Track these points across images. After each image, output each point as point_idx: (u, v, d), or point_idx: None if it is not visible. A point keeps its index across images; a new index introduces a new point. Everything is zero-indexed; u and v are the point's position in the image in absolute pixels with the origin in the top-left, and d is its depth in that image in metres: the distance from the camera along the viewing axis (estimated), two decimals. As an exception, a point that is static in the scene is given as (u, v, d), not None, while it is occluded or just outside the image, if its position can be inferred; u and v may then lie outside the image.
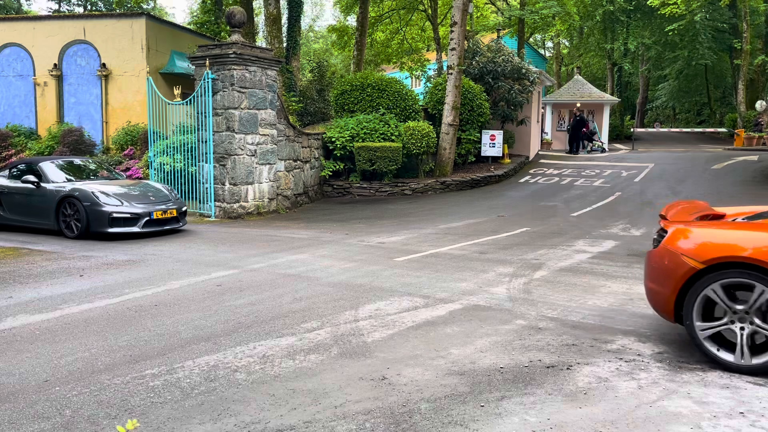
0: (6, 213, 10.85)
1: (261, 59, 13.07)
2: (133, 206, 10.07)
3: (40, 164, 10.92)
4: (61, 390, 3.99)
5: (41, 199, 10.35)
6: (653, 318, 5.53)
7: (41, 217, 10.36)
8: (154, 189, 10.94)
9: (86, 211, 9.84)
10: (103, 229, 9.80)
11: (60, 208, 10.10)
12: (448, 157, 18.02)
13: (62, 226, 10.13)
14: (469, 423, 3.47)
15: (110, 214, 9.81)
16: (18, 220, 10.70)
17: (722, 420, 3.49)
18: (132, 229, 9.95)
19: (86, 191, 10.01)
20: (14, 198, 10.74)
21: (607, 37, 39.52)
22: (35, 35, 19.01)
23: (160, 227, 10.32)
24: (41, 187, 10.44)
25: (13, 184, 10.83)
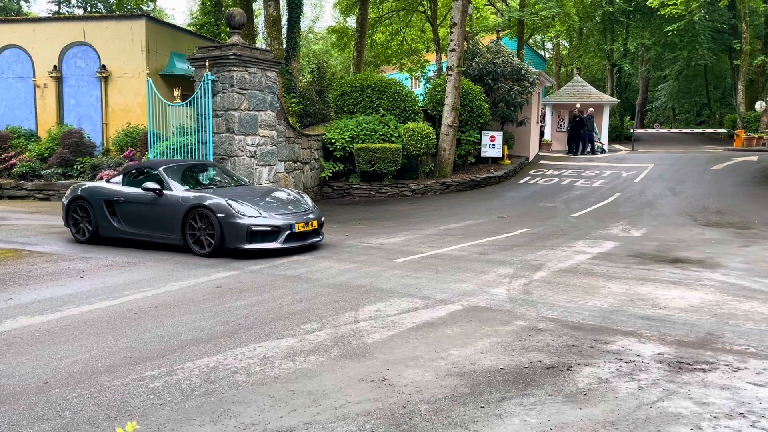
0: (121, 225, 9.32)
1: (261, 61, 13.07)
2: (273, 218, 8.63)
3: (161, 168, 9.46)
4: (61, 392, 3.99)
5: (165, 210, 8.88)
6: (653, 319, 5.53)
7: (164, 230, 8.93)
8: (288, 196, 9.65)
9: (220, 223, 8.37)
10: (240, 245, 8.37)
11: (187, 220, 8.66)
12: (448, 158, 18.03)
13: (190, 240, 8.70)
14: (469, 424, 3.47)
15: (248, 228, 8.35)
16: (135, 233, 9.21)
17: (722, 421, 3.49)
18: (272, 245, 8.51)
19: (219, 200, 8.56)
20: (131, 208, 9.22)
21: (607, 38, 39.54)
22: (35, 37, 19.02)
23: (302, 242, 8.87)
24: (164, 195, 8.96)
25: (130, 191, 9.33)
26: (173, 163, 9.98)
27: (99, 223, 9.44)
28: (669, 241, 9.89)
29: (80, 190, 9.79)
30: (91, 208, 9.52)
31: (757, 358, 4.52)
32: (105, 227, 9.44)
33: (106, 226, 9.42)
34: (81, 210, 9.69)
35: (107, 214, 9.39)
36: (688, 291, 6.57)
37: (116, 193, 9.42)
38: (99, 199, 9.47)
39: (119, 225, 9.31)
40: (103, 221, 9.43)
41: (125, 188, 9.43)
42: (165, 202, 8.94)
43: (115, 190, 9.47)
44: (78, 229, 9.74)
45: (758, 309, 5.86)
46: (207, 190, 9.40)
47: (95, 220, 9.48)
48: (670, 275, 7.38)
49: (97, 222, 9.45)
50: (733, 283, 6.94)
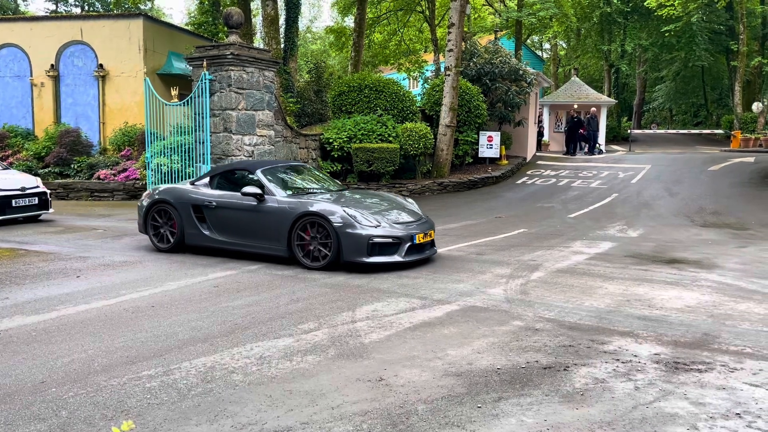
0: (212, 232, 8.44)
1: (258, 60, 13.06)
2: (393, 227, 7.75)
3: (259, 171, 8.50)
4: (58, 391, 3.98)
5: (267, 217, 8.00)
6: (650, 319, 5.54)
7: (266, 240, 8.03)
8: (398, 203, 8.74)
9: (337, 234, 7.48)
10: (359, 258, 7.48)
11: (295, 229, 7.76)
12: (446, 158, 18.03)
13: (298, 252, 7.78)
14: (466, 424, 3.47)
15: (370, 239, 7.46)
16: (229, 242, 8.33)
17: (719, 421, 3.50)
18: (393, 258, 7.63)
19: (335, 208, 7.68)
20: (225, 214, 8.36)
21: (604, 39, 39.60)
22: (32, 36, 18.99)
23: (420, 255, 7.95)
24: (266, 201, 8.08)
25: (224, 195, 8.47)
26: (269, 164, 8.95)
27: (185, 230, 8.59)
28: (666, 242, 9.91)
29: (163, 193, 8.91)
30: (176, 213, 8.63)
31: (753, 358, 4.53)
32: (192, 235, 8.57)
33: (194, 234, 8.55)
34: (162, 215, 8.82)
35: (195, 221, 8.53)
36: (685, 291, 6.58)
37: (206, 198, 8.50)
38: (186, 203, 8.59)
39: (210, 233, 8.44)
40: (190, 228, 8.56)
41: (216, 192, 8.56)
42: (267, 208, 8.03)
43: (204, 195, 8.58)
44: (159, 235, 8.87)
45: (755, 309, 5.87)
46: (312, 195, 8.42)
47: (180, 226, 8.61)
48: (666, 276, 7.39)
49: (183, 229, 8.60)
50: (730, 284, 6.96)
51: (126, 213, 13.22)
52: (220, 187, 8.67)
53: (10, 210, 11.54)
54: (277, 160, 9.38)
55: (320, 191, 8.71)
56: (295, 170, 9.36)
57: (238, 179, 8.71)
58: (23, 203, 11.78)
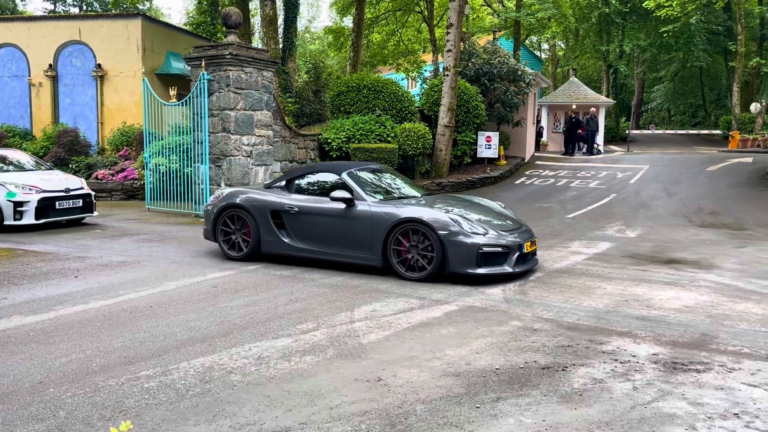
0: (293, 240, 7.87)
1: (257, 60, 13.06)
2: (501, 236, 7.14)
3: (345, 173, 7.90)
4: (56, 391, 3.97)
5: (358, 224, 7.40)
6: (648, 319, 5.55)
7: (356, 249, 7.44)
8: (494, 209, 8.16)
9: (442, 243, 6.85)
10: (467, 269, 6.85)
11: (392, 237, 7.14)
12: (444, 158, 18.04)
13: (395, 262, 7.15)
14: (464, 424, 3.47)
15: (479, 249, 6.83)
16: (313, 250, 7.75)
17: (717, 421, 3.50)
18: (503, 269, 7.01)
19: (439, 215, 7.05)
20: (308, 220, 7.76)
21: (603, 39, 39.64)
22: (30, 36, 18.97)
23: (527, 265, 7.40)
24: (356, 207, 7.46)
25: (306, 200, 7.90)
26: (353, 166, 8.27)
27: (262, 237, 8.00)
28: (664, 242, 9.92)
29: (236, 198, 8.29)
30: (251, 219, 8.05)
31: (751, 358, 4.53)
32: (270, 242, 7.98)
33: (272, 242, 7.96)
34: (234, 221, 8.25)
35: (273, 228, 7.94)
36: (683, 292, 6.59)
37: (287, 203, 7.92)
38: (263, 208, 8.01)
39: (290, 240, 7.87)
40: (267, 235, 7.97)
41: (298, 197, 8.00)
42: (358, 214, 7.42)
43: (285, 199, 8.00)
44: (230, 243, 8.30)
45: (753, 310, 5.88)
46: (405, 200, 7.82)
47: (256, 233, 8.02)
48: (665, 276, 7.40)
49: (259, 236, 8.01)
50: (728, 284, 6.96)
51: (125, 213, 13.22)
52: (299, 191, 8.15)
53: (54, 213, 10.93)
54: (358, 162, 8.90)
55: (409, 195, 8.18)
56: (377, 172, 8.66)
57: (321, 182, 8.20)
58: (67, 205, 11.14)
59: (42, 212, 10.70)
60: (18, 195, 10.55)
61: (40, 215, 10.66)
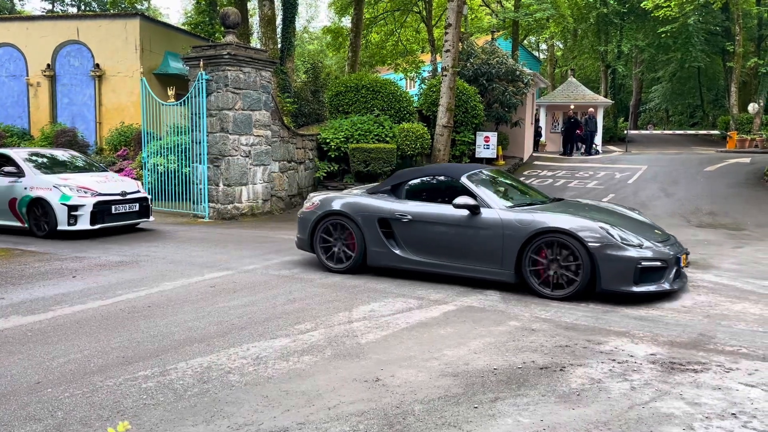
0: (404, 251, 7.17)
1: (255, 60, 13.06)
2: (658, 247, 6.32)
3: (465, 177, 7.14)
4: (54, 392, 3.97)
5: (486, 234, 6.62)
6: (646, 319, 5.56)
7: (482, 262, 6.68)
8: (634, 217, 7.25)
9: (591, 256, 6.05)
10: (624, 287, 6.04)
11: (528, 249, 6.36)
12: (443, 158, 18.03)
13: (532, 278, 6.37)
14: (462, 424, 3.47)
15: (638, 263, 6.01)
16: (430, 263, 7.02)
17: (714, 421, 3.51)
18: (662, 286, 6.19)
19: (586, 223, 6.22)
20: (423, 230, 7.04)
21: (601, 40, 39.68)
22: (28, 35, 18.95)
23: (682, 281, 6.59)
24: (482, 215, 6.69)
25: (420, 207, 7.16)
26: (471, 169, 7.51)
27: (368, 248, 7.33)
28: (662, 242, 9.92)
29: (336, 204, 7.59)
30: (356, 228, 7.38)
31: (749, 358, 4.54)
32: (377, 254, 7.30)
33: (380, 253, 7.28)
34: (336, 230, 7.58)
35: (382, 237, 7.25)
36: (681, 292, 6.59)
37: (398, 210, 7.20)
38: (370, 216, 7.32)
39: (401, 252, 7.17)
40: (375, 246, 7.29)
41: (410, 203, 7.27)
42: (484, 223, 6.65)
43: (395, 206, 7.27)
44: (330, 254, 7.64)
45: (750, 310, 5.88)
46: (538, 207, 7.00)
47: (361, 244, 7.35)
48: (663, 276, 7.40)
49: (365, 246, 7.35)
50: (726, 284, 6.97)
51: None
52: (410, 197, 7.45)
53: (110, 217, 10.24)
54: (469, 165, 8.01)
55: (536, 201, 7.35)
56: (491, 174, 7.80)
57: (435, 187, 7.57)
58: (123, 210, 10.45)
59: (97, 217, 10.03)
60: (72, 198, 9.87)
61: (95, 220, 9.99)
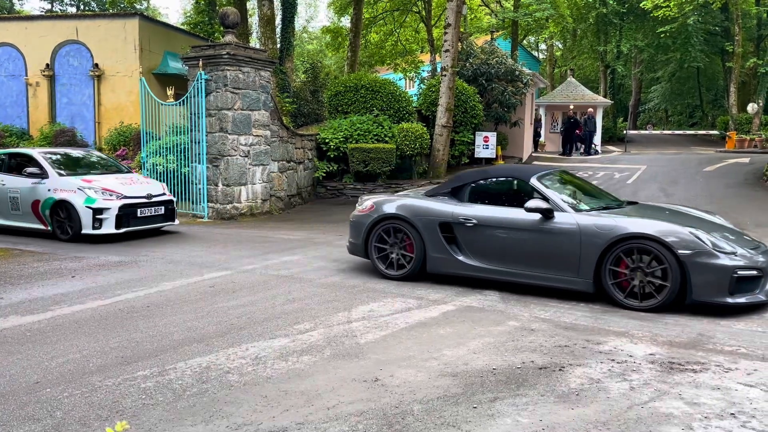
0: (468, 258, 6.77)
1: (254, 60, 13.05)
2: (751, 255, 5.90)
3: (534, 178, 6.69)
4: (52, 392, 3.97)
5: (561, 240, 6.20)
6: (645, 319, 5.56)
7: (555, 269, 6.27)
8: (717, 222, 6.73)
9: (682, 264, 5.65)
10: (719, 297, 5.67)
11: (608, 256, 5.94)
12: (442, 158, 18.03)
13: (613, 289, 5.95)
14: (461, 424, 3.47)
15: (733, 272, 5.64)
16: (495, 270, 6.62)
17: (713, 421, 3.51)
18: (756, 297, 5.78)
19: (674, 228, 5.83)
20: (489, 234, 6.63)
21: (600, 40, 39.69)
22: (27, 35, 18.92)
23: None
24: (556, 220, 6.27)
25: (486, 211, 6.73)
26: (541, 170, 7.01)
27: (428, 253, 6.93)
28: (661, 242, 9.92)
29: (393, 207, 7.20)
30: (415, 232, 6.98)
31: (747, 358, 4.54)
32: (438, 260, 6.89)
33: (441, 259, 6.87)
34: (392, 234, 7.19)
35: (443, 243, 6.85)
36: (680, 292, 6.58)
37: (461, 214, 6.79)
38: (431, 220, 6.92)
39: (465, 258, 6.76)
40: (435, 251, 6.88)
41: (474, 207, 6.87)
42: (560, 228, 6.22)
43: (457, 210, 6.87)
44: (386, 260, 7.25)
45: (749, 310, 5.88)
46: (614, 210, 6.55)
47: (420, 249, 6.96)
48: (662, 276, 7.39)
49: (425, 252, 6.95)
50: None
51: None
52: (474, 200, 7.01)
53: (135, 221, 9.92)
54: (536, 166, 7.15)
55: (612, 205, 6.85)
56: (562, 176, 7.35)
57: (501, 189, 7.13)
58: (148, 213, 10.13)
59: (122, 221, 9.73)
60: (97, 201, 9.57)
61: (120, 224, 9.70)
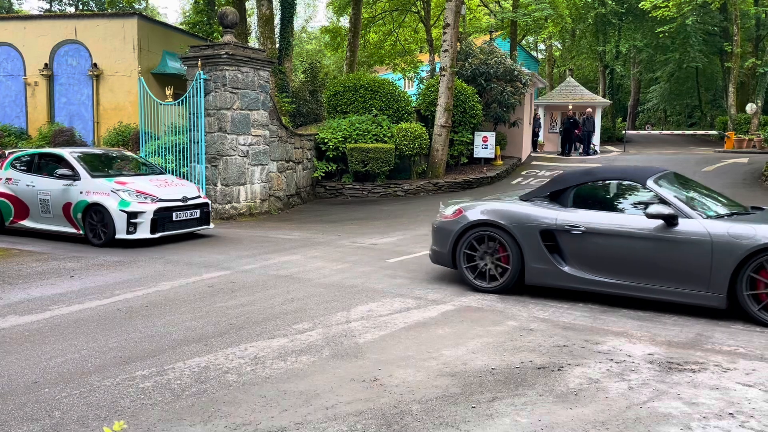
0: (575, 269, 6.12)
1: (253, 60, 13.04)
2: None
3: (651, 181, 6.07)
4: (51, 391, 3.96)
5: (689, 250, 5.58)
6: (644, 319, 5.56)
7: (680, 282, 5.65)
8: None
9: None
10: None
11: (746, 269, 5.33)
12: (441, 158, 18.04)
13: (753, 306, 5.37)
14: (460, 424, 3.47)
15: None
16: (609, 283, 5.93)
17: (712, 421, 3.51)
18: None
19: None
20: (601, 243, 5.97)
21: (599, 40, 39.71)
22: (26, 35, 18.91)
23: None
24: (678, 228, 5.64)
25: (596, 218, 6.04)
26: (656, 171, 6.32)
27: (527, 264, 6.29)
28: (660, 242, 9.92)
29: (485, 213, 6.58)
30: (511, 241, 6.34)
31: (746, 358, 4.55)
32: (540, 271, 6.25)
33: (543, 270, 6.23)
34: (484, 243, 6.57)
35: (546, 252, 6.22)
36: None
37: (566, 221, 6.14)
38: (530, 227, 6.27)
39: (571, 269, 6.12)
40: (536, 262, 6.25)
41: (579, 212, 6.19)
42: (686, 237, 5.59)
43: (560, 215, 6.23)
44: (477, 270, 6.62)
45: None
46: (744, 217, 5.92)
47: (517, 259, 6.32)
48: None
49: (523, 262, 6.31)
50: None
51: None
52: (579, 205, 6.33)
53: (170, 225, 9.51)
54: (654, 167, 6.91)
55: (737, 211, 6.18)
56: (681, 179, 6.72)
57: (611, 193, 6.50)
58: (184, 216, 9.69)
59: (157, 225, 9.35)
60: (132, 205, 9.19)
61: (155, 228, 9.32)
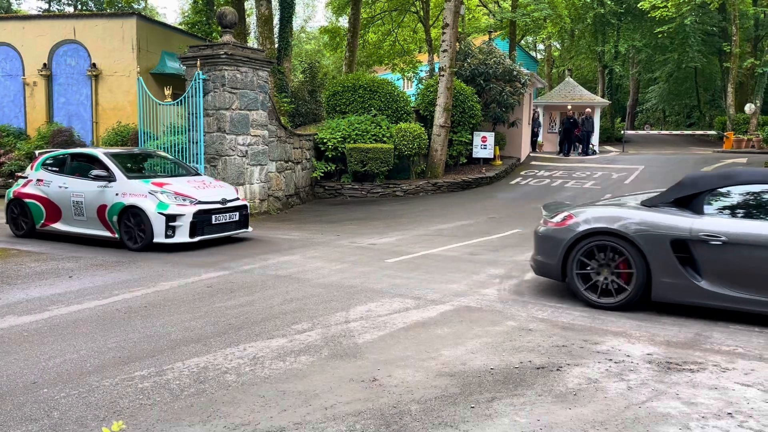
0: (714, 285, 5.48)
1: (252, 60, 13.04)
2: None
3: None
4: (50, 392, 3.96)
5: None
6: (643, 319, 5.56)
7: None
8: None
9: None
10: None
11: None
12: (440, 158, 18.04)
13: None
14: (459, 424, 3.47)
15: None
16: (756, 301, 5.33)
17: (710, 421, 3.51)
18: None
19: None
20: (744, 255, 5.36)
21: (598, 40, 39.73)
22: (25, 35, 18.90)
23: None
24: None
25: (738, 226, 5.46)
26: None
27: (655, 278, 5.67)
28: (659, 242, 9.93)
29: (604, 220, 5.96)
30: (635, 252, 5.71)
31: (745, 358, 4.55)
32: (671, 286, 5.63)
33: (675, 285, 5.61)
34: (600, 253, 5.93)
35: (677, 265, 5.59)
36: None
37: (702, 229, 5.49)
38: (658, 237, 5.65)
39: (710, 285, 5.48)
40: (666, 276, 5.63)
41: (717, 220, 5.56)
42: None
43: (694, 223, 5.58)
44: (587, 281, 6.02)
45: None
46: None
47: (642, 272, 5.70)
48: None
49: (650, 276, 5.69)
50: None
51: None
52: (716, 212, 5.70)
53: (209, 228, 9.21)
54: None
55: None
56: None
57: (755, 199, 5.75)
58: (223, 220, 9.39)
59: (196, 228, 9.02)
60: (170, 207, 8.89)
61: (194, 232, 9.00)
